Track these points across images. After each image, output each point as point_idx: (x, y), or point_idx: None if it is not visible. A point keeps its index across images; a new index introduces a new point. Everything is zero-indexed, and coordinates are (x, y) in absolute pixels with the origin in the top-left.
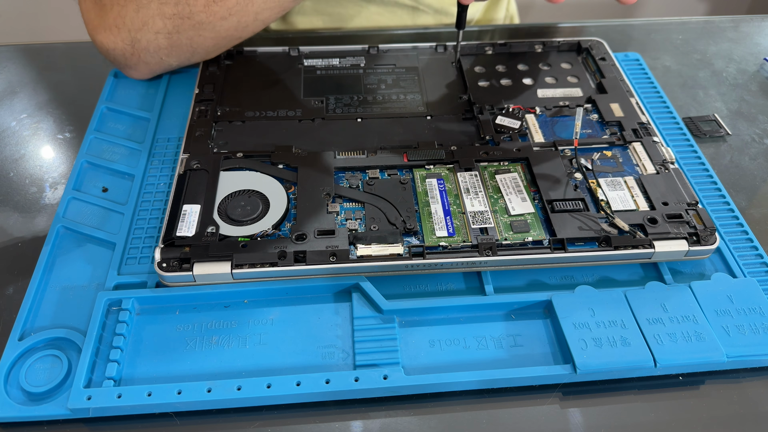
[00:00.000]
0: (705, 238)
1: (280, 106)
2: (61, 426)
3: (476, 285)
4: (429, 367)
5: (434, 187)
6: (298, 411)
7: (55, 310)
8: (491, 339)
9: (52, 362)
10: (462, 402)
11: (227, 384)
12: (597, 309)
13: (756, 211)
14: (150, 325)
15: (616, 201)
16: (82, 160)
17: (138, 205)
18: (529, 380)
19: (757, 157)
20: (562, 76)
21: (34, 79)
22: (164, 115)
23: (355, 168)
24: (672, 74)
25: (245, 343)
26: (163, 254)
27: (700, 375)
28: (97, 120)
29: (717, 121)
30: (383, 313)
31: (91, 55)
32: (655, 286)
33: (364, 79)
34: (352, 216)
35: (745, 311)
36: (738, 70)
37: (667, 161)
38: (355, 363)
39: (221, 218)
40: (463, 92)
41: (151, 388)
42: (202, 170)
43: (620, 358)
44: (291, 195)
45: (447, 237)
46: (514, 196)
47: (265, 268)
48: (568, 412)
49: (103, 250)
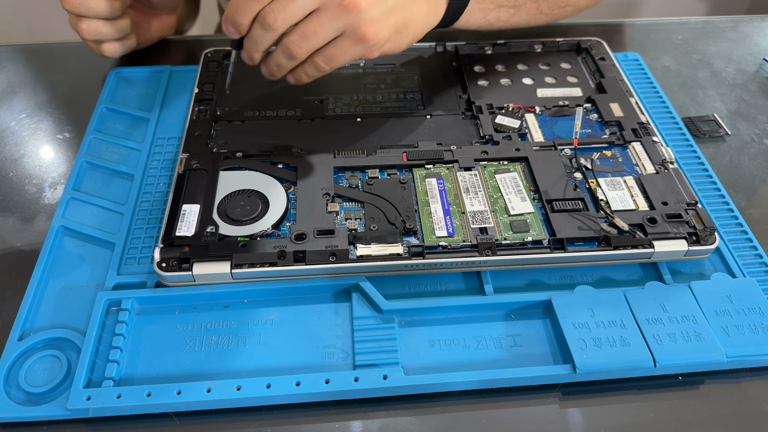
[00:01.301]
0: (704, 238)
1: (279, 106)
2: (60, 426)
3: (476, 285)
4: (429, 367)
5: (434, 186)
6: (297, 411)
7: (54, 311)
8: (491, 339)
9: (52, 362)
10: (462, 402)
11: (227, 384)
12: (597, 309)
13: (755, 211)
14: (149, 325)
15: (615, 201)
16: (81, 160)
17: (137, 205)
18: (528, 380)
19: (756, 157)
20: (562, 76)
21: (34, 79)
22: (164, 115)
23: (355, 168)
24: (671, 74)
25: (245, 343)
26: (163, 254)
27: (700, 375)
28: (97, 120)
29: (716, 121)
30: (383, 313)
31: (91, 55)
32: (655, 286)
33: (363, 79)
34: (352, 216)
35: (745, 311)
36: (737, 70)
37: (666, 161)
38: (355, 363)
39: (221, 218)
40: (463, 92)
41: (150, 389)
42: (201, 170)
43: (620, 358)
44: (290, 195)
45: (447, 237)
46: (514, 196)
47: (264, 268)
48: (567, 412)
49: (103, 250)
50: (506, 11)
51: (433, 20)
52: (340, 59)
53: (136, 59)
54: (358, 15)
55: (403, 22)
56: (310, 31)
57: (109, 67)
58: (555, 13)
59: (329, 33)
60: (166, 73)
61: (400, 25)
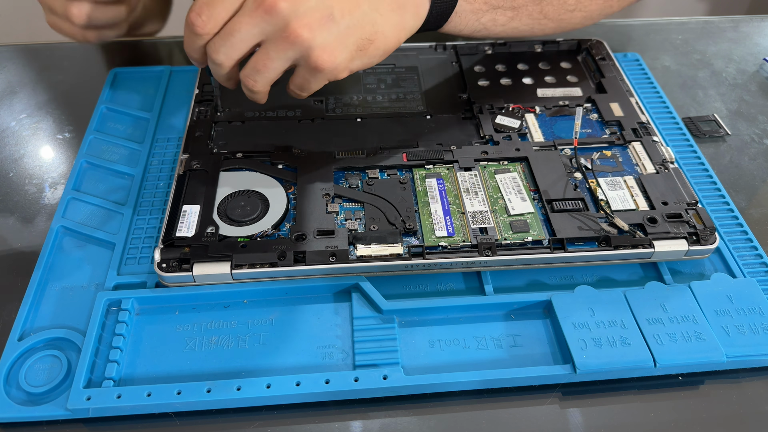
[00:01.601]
0: (705, 238)
1: (279, 107)
2: (60, 426)
3: (476, 285)
4: (429, 367)
5: (434, 186)
6: (297, 411)
7: (54, 311)
8: (491, 339)
9: (52, 362)
10: (462, 402)
11: (227, 384)
12: (597, 309)
13: (755, 211)
14: (149, 326)
15: (615, 201)
16: (81, 160)
17: (138, 205)
18: (528, 380)
19: (756, 157)
20: (562, 76)
21: (34, 79)
22: (164, 115)
23: (355, 168)
24: (671, 74)
25: (245, 343)
26: (163, 255)
27: (700, 375)
28: (97, 120)
29: (716, 121)
30: (383, 313)
31: (91, 55)
32: (655, 286)
33: (363, 79)
34: (352, 216)
35: (745, 311)
36: (737, 70)
37: (666, 161)
38: (355, 363)
39: (221, 218)
40: (463, 92)
41: (150, 389)
42: (201, 170)
43: (620, 358)
44: (291, 195)
45: (446, 237)
46: (514, 196)
47: (264, 269)
48: (567, 412)
49: (103, 250)
50: (503, 14)
51: (411, 25)
52: (309, 87)
53: (136, 59)
54: (304, 45)
55: (366, 38)
56: (260, 65)
57: (109, 67)
58: (562, 19)
59: (281, 64)
60: (166, 73)
61: (363, 42)
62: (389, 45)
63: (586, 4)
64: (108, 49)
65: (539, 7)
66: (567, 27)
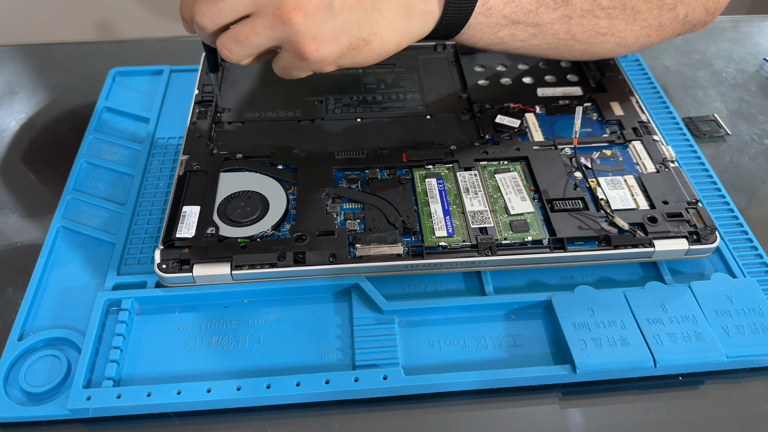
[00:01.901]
0: (705, 237)
1: (279, 107)
2: (60, 426)
3: (476, 285)
4: (429, 367)
5: (434, 186)
6: (297, 411)
7: (54, 310)
8: (491, 339)
9: (52, 362)
10: (462, 402)
11: (227, 384)
12: (597, 309)
13: (756, 211)
14: (149, 326)
15: (615, 200)
16: (81, 160)
17: (138, 205)
18: (528, 380)
19: (756, 157)
20: (562, 75)
21: (34, 79)
22: (164, 116)
23: (355, 168)
24: (672, 74)
25: (245, 343)
26: (163, 255)
27: (700, 375)
28: (97, 120)
29: (717, 121)
30: (383, 314)
31: (91, 55)
32: (655, 286)
33: (363, 79)
34: (352, 216)
35: (745, 311)
36: (738, 70)
37: (667, 160)
38: (355, 363)
39: (221, 219)
40: (463, 91)
41: (150, 389)
42: (201, 171)
43: (620, 358)
44: (290, 196)
45: (446, 237)
46: (514, 196)
47: (264, 269)
48: (567, 412)
49: (103, 250)
50: (524, 30)
51: (415, 33)
52: (291, 73)
53: (136, 59)
54: (294, 28)
55: (361, 38)
56: (242, 36)
57: (109, 67)
58: (592, 42)
59: (264, 42)
60: (166, 73)
61: (357, 41)
62: (386, 49)
63: (620, 29)
64: (108, 49)
65: (566, 27)
66: (597, 52)
